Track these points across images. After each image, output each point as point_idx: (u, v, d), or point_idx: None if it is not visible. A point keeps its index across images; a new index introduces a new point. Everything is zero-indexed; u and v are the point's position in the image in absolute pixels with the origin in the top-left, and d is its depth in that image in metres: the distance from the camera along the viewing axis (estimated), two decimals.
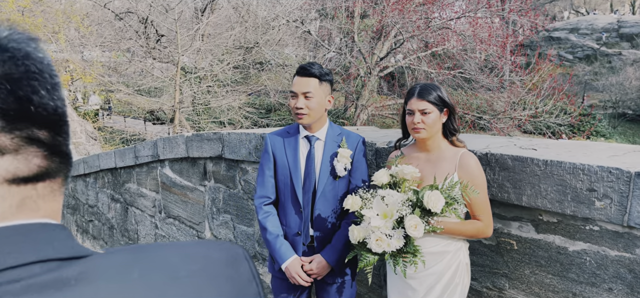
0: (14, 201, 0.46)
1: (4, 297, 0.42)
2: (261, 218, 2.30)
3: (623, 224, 1.79)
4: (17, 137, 0.44)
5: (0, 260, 0.43)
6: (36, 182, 0.47)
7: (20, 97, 0.44)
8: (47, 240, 0.46)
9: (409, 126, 2.09)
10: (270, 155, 2.34)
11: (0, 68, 0.43)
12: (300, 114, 2.19)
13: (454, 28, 17.46)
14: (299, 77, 2.21)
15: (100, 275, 0.47)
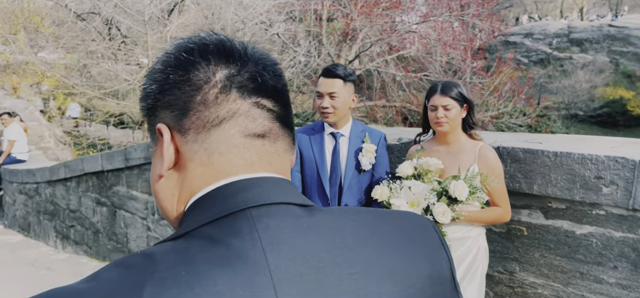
0: (254, 154, 0.57)
1: (286, 216, 0.54)
2: None
3: (628, 208, 2.01)
4: (249, 103, 0.57)
5: (258, 196, 0.54)
6: (263, 138, 0.58)
7: (254, 74, 0.58)
8: (293, 190, 0.58)
9: (431, 121, 2.25)
10: (297, 150, 2.44)
11: (255, 60, 0.59)
12: (326, 113, 2.31)
13: (420, 32, 18.00)
14: (324, 78, 2.33)
15: (329, 213, 0.57)
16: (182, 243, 0.51)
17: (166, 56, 0.60)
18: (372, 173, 2.42)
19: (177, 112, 0.57)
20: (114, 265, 0.50)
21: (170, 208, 0.60)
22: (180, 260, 0.48)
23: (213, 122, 0.56)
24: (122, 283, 0.47)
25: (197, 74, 0.56)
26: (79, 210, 5.77)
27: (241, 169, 0.56)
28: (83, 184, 5.62)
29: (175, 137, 0.58)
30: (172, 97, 0.57)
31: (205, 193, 0.55)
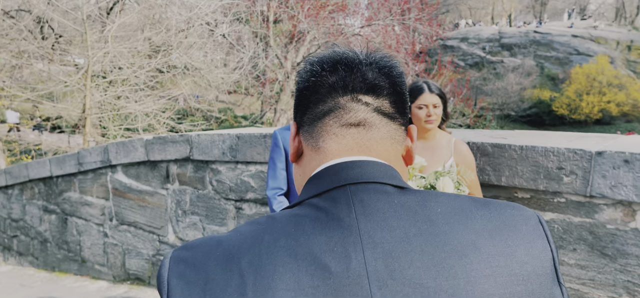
0: (350, 140, 0.67)
1: (380, 193, 0.62)
2: (275, 208, 2.44)
3: (585, 195, 2.24)
4: (347, 98, 0.68)
5: (348, 176, 0.64)
6: (358, 127, 0.67)
7: (357, 75, 0.68)
8: (390, 172, 0.66)
9: (420, 119, 2.36)
10: (281, 149, 2.48)
11: (366, 63, 0.69)
12: None
13: (366, 35, 18.46)
14: None
15: (421, 195, 0.64)
16: (296, 210, 0.64)
17: (301, 69, 0.75)
18: None
19: (301, 111, 0.72)
20: (249, 223, 0.64)
21: (299, 186, 0.74)
22: (292, 221, 0.61)
23: (318, 116, 0.69)
24: (251, 234, 0.61)
25: (315, 80, 0.70)
26: (23, 219, 5.40)
27: (343, 153, 0.67)
28: (28, 191, 5.27)
29: (299, 131, 0.73)
30: (299, 101, 0.73)
31: (317, 173, 0.67)
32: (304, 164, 0.72)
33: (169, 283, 0.59)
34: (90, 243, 4.72)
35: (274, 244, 0.58)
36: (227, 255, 0.59)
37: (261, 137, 3.46)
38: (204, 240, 0.63)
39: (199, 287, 0.57)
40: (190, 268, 0.59)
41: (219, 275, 0.57)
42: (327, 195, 0.63)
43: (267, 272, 0.56)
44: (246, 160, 3.58)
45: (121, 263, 4.60)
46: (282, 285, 0.55)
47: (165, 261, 0.62)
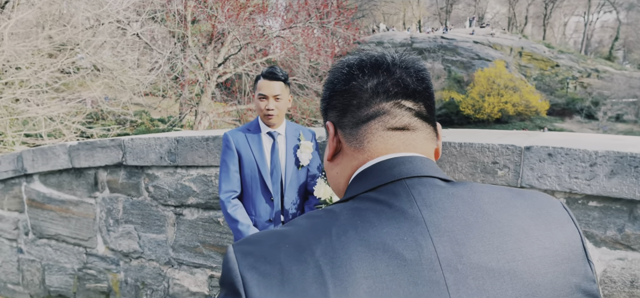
0: (396, 141, 0.72)
1: (433, 186, 0.67)
2: (230, 211, 2.40)
3: (517, 186, 2.49)
4: (391, 104, 0.73)
5: (402, 171, 0.69)
6: (404, 131, 0.73)
7: (400, 81, 0.73)
8: (436, 168, 0.72)
9: None
10: (234, 151, 2.45)
11: (401, 68, 0.74)
12: (271, 115, 2.40)
13: (288, 37, 18.56)
14: (267, 80, 2.40)
15: (467, 186, 0.70)
16: (352, 204, 0.67)
17: (335, 70, 0.79)
18: (308, 169, 2.56)
19: (339, 113, 0.76)
20: (304, 217, 0.67)
21: (337, 183, 0.80)
22: (355, 214, 0.64)
23: (362, 119, 0.74)
24: (315, 226, 0.63)
25: (354, 83, 0.74)
26: None
27: (390, 151, 0.72)
28: None
29: (338, 131, 0.77)
30: (337, 102, 0.77)
31: (366, 169, 0.72)
32: (343, 162, 0.77)
33: (242, 276, 0.59)
34: (2, 260, 4.25)
35: (344, 235, 0.61)
36: (298, 247, 0.60)
37: (203, 141, 3.37)
38: (265, 235, 0.64)
39: (275, 278, 0.58)
40: (260, 261, 0.60)
41: (294, 266, 0.59)
42: (383, 189, 0.67)
43: (342, 261, 0.58)
44: (187, 164, 3.46)
45: (40, 280, 4.20)
46: (360, 273, 0.58)
47: (230, 255, 0.62)
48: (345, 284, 0.57)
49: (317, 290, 0.57)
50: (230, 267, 0.61)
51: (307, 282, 0.58)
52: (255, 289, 0.58)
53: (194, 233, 3.56)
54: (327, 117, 0.80)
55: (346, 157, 0.76)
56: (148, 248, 3.73)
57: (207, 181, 3.42)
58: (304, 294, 0.57)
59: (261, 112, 2.44)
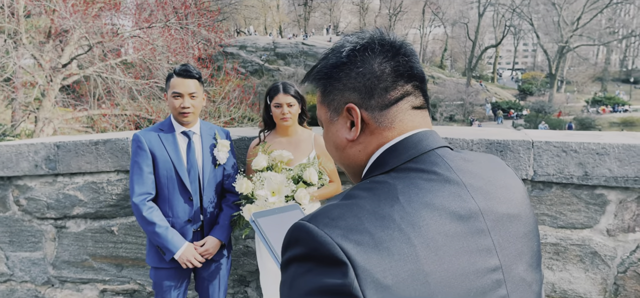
0: (418, 119, 0.83)
1: (454, 154, 0.81)
2: (146, 214, 2.26)
3: None
4: (411, 85, 0.83)
5: (430, 143, 0.80)
6: (421, 109, 0.84)
7: (410, 64, 0.83)
8: (439, 138, 0.85)
9: (277, 117, 2.54)
10: (147, 152, 2.31)
11: (404, 53, 0.83)
12: (187, 113, 2.32)
13: (147, 37, 17.39)
14: (182, 78, 2.32)
15: (466, 153, 0.86)
16: (398, 174, 0.75)
17: (344, 52, 0.82)
18: (224, 168, 2.53)
19: (364, 94, 0.81)
20: (358, 189, 0.72)
21: (355, 160, 0.85)
22: (408, 183, 0.72)
23: (392, 101, 0.81)
24: (379, 196, 0.70)
25: (376, 66, 0.80)
26: None
27: (415, 128, 0.82)
28: None
29: (361, 112, 0.81)
30: (358, 83, 0.81)
31: (396, 143, 0.79)
32: (366, 141, 0.82)
33: (341, 246, 0.62)
34: None
35: (410, 201, 0.69)
36: (376, 216, 0.66)
37: (91, 145, 3.06)
38: (336, 208, 0.68)
39: (369, 245, 0.63)
40: (350, 232, 0.64)
41: (381, 232, 0.65)
42: (419, 159, 0.76)
43: (419, 222, 0.67)
44: (71, 171, 3.10)
45: None
46: (434, 230, 0.67)
47: (315, 230, 0.65)
48: (427, 241, 0.66)
49: (408, 250, 0.64)
50: (322, 240, 0.64)
51: (397, 244, 0.64)
52: (357, 257, 0.62)
53: (81, 246, 3.20)
54: (342, 98, 0.83)
55: (372, 136, 0.81)
56: (19, 269, 3.24)
57: (98, 188, 3.11)
58: (399, 255, 0.63)
59: (176, 110, 2.35)
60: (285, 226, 1.21)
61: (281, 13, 49.87)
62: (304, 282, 0.65)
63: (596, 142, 2.46)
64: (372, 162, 0.81)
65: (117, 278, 3.22)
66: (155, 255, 2.38)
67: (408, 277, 0.63)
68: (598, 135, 2.81)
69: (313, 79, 0.89)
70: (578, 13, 45.41)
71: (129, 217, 3.14)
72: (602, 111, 37.26)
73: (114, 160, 3.05)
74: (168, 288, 2.40)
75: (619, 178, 2.42)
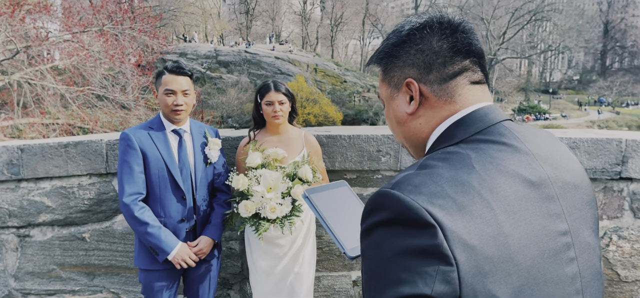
0: (477, 94, 0.87)
1: (517, 126, 0.87)
2: (138, 214, 2.19)
3: (397, 169, 2.94)
4: (469, 61, 0.87)
5: (495, 117, 0.85)
6: (480, 84, 0.89)
7: (468, 41, 0.88)
8: (501, 112, 0.91)
9: (268, 114, 2.56)
10: (138, 151, 2.24)
11: (464, 30, 0.88)
12: (179, 111, 2.29)
13: (82, 42, 16.49)
14: (174, 75, 2.28)
15: (523, 125, 0.93)
16: (468, 145, 0.79)
17: (404, 31, 0.87)
18: (214, 166, 2.50)
19: (422, 70, 0.85)
20: (432, 159, 0.76)
21: (417, 134, 0.89)
22: (481, 153, 0.77)
23: (450, 75, 0.85)
24: (454, 165, 0.74)
25: (435, 43, 0.85)
26: None
27: (476, 102, 0.86)
28: None
29: (420, 86, 0.86)
30: (417, 60, 0.86)
31: (463, 117, 0.83)
32: (427, 114, 0.86)
33: (428, 210, 0.66)
34: None
35: (485, 169, 0.74)
36: (456, 182, 0.71)
37: (60, 147, 2.89)
38: (421, 178, 0.72)
39: (453, 209, 0.67)
40: (433, 197, 0.68)
41: (463, 198, 0.69)
42: (487, 131, 0.81)
43: (496, 189, 0.72)
44: (36, 176, 2.91)
45: None
46: (510, 196, 0.72)
47: (400, 196, 0.68)
48: (505, 205, 0.71)
49: (488, 213, 0.69)
50: (409, 205, 0.67)
51: (478, 209, 0.69)
52: (444, 219, 0.66)
53: (47, 255, 3.01)
54: (401, 74, 0.87)
55: (433, 109, 0.86)
56: None
57: (67, 194, 2.94)
58: (480, 218, 0.68)
59: (168, 108, 2.30)
60: (336, 200, 1.26)
61: (222, 21, 49.16)
62: (392, 245, 0.68)
63: (569, 137, 2.71)
64: (438, 135, 0.85)
65: (88, 288, 3.05)
66: (146, 256, 2.30)
67: (490, 238, 0.68)
68: (568, 131, 3.11)
69: (376, 59, 0.94)
70: (504, 28, 48.87)
71: (102, 222, 3.00)
72: (527, 119, 40.26)
73: (86, 163, 2.90)
74: (159, 290, 2.32)
75: (588, 170, 2.68)
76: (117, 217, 3.00)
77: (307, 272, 2.61)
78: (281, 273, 2.55)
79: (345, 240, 1.12)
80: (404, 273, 0.66)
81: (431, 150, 0.86)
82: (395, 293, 0.66)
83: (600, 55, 59.20)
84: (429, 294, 0.64)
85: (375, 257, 0.70)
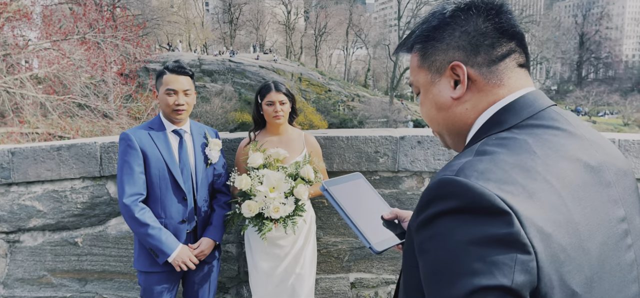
0: (523, 77, 0.85)
1: (562, 112, 0.84)
2: (139, 215, 2.15)
3: (394, 170, 2.95)
4: (513, 43, 0.84)
5: (544, 102, 0.82)
6: (524, 67, 0.87)
7: (512, 23, 0.86)
8: (547, 97, 0.89)
9: (269, 114, 2.55)
10: (138, 151, 2.21)
11: (505, 12, 0.85)
12: (181, 110, 2.27)
13: (62, 50, 16.22)
14: (175, 75, 2.27)
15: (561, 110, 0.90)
16: (519, 131, 0.76)
17: (453, 12, 0.84)
18: (214, 167, 2.48)
19: (469, 52, 0.82)
20: (491, 146, 0.73)
21: (462, 120, 0.85)
22: (538, 138, 0.74)
23: (498, 57, 0.82)
24: (515, 151, 0.71)
25: (481, 23, 0.82)
26: None
27: (524, 85, 0.84)
28: None
29: (467, 68, 0.82)
30: (463, 42, 0.83)
31: (513, 101, 0.81)
32: (475, 98, 0.83)
33: (500, 197, 0.63)
34: None
35: (547, 154, 0.71)
36: (522, 169, 0.68)
37: (53, 150, 2.83)
38: (485, 165, 0.69)
39: (523, 195, 0.65)
40: (502, 184, 0.65)
41: (531, 184, 0.67)
42: (538, 116, 0.78)
43: (561, 174, 0.70)
44: (28, 180, 2.84)
45: None
46: (575, 182, 0.71)
47: (469, 183, 0.66)
48: (571, 192, 0.69)
49: (557, 200, 0.67)
50: (480, 192, 0.64)
51: (547, 195, 0.67)
52: (518, 206, 0.63)
53: (38, 261, 2.93)
54: (445, 57, 0.84)
55: (481, 93, 0.82)
56: None
57: (60, 197, 2.87)
58: (550, 205, 0.66)
59: (169, 108, 2.28)
60: (355, 193, 1.23)
61: (206, 30, 48.95)
62: (462, 234, 0.64)
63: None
64: (486, 120, 0.81)
65: (80, 294, 2.97)
66: (145, 258, 2.26)
67: (561, 226, 0.66)
68: None
69: (413, 44, 0.89)
70: None
71: (95, 227, 2.93)
72: None
73: (79, 166, 2.84)
74: (159, 293, 2.28)
75: None
76: (111, 221, 2.94)
77: (309, 273, 2.59)
78: (282, 274, 2.53)
79: (369, 234, 1.09)
80: (478, 264, 0.61)
81: (476, 137, 0.82)
82: (470, 285, 0.61)
83: (577, 66, 60.78)
84: (509, 286, 0.60)
85: (441, 249, 0.66)
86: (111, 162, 2.85)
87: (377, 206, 1.22)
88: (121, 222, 2.94)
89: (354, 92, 40.81)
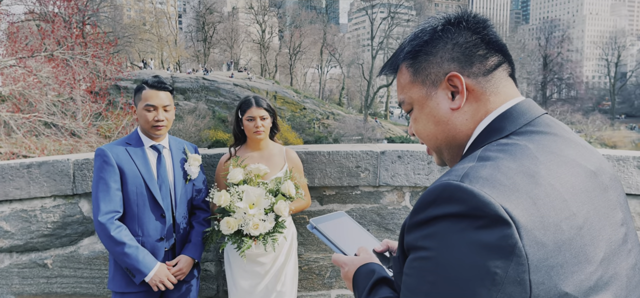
0: (512, 85, 0.88)
1: (554, 119, 0.86)
2: (115, 233, 2.07)
3: (375, 185, 2.96)
4: (500, 55, 0.87)
5: (537, 110, 0.84)
6: (512, 77, 0.89)
7: (497, 36, 0.88)
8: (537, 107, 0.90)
9: (250, 130, 2.52)
10: (115, 167, 2.14)
11: (491, 26, 0.88)
12: (160, 126, 2.22)
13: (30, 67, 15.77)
14: (155, 90, 2.23)
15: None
16: (518, 137, 0.78)
17: (437, 27, 0.86)
18: (194, 183, 2.42)
19: (464, 63, 0.84)
20: (492, 152, 0.74)
21: (461, 130, 0.85)
22: (538, 144, 0.76)
23: (492, 67, 0.85)
24: (516, 157, 0.72)
25: (471, 36, 0.85)
26: None
27: (514, 95, 0.86)
28: None
29: (464, 79, 0.84)
30: (457, 53, 0.84)
31: (509, 109, 0.83)
32: (472, 108, 0.84)
33: (503, 206, 0.64)
34: None
35: (548, 159, 0.73)
36: (526, 174, 0.69)
37: (22, 168, 2.71)
38: (489, 171, 0.70)
39: (527, 202, 0.66)
40: (507, 191, 0.66)
41: (536, 190, 0.68)
42: (534, 123, 0.80)
43: (564, 179, 0.71)
44: None
45: None
46: (578, 187, 0.72)
47: (474, 190, 0.66)
48: (574, 196, 0.70)
49: (561, 205, 0.68)
50: (484, 200, 0.65)
51: (551, 201, 0.68)
52: (520, 216, 0.64)
53: (4, 285, 2.78)
54: (440, 70, 0.85)
55: (478, 103, 0.84)
56: None
57: (29, 217, 2.75)
58: (554, 211, 0.67)
59: (148, 123, 2.22)
60: (342, 228, 1.24)
61: (179, 48, 48.54)
62: (460, 239, 0.66)
63: None
64: (484, 128, 0.83)
65: None
66: (121, 279, 2.17)
67: (565, 231, 0.67)
68: None
69: (404, 60, 0.90)
70: None
71: (66, 247, 2.81)
72: None
73: (50, 184, 2.73)
74: None
75: None
76: (84, 241, 2.82)
77: (290, 290, 2.55)
78: (263, 292, 2.48)
79: None
80: (472, 270, 0.64)
81: (475, 145, 0.83)
82: (459, 290, 0.64)
83: (541, 86, 63.03)
84: (497, 294, 0.63)
85: (437, 249, 0.68)
86: (85, 179, 2.75)
87: (366, 240, 1.24)
88: (94, 242, 2.83)
89: (329, 110, 41.08)
